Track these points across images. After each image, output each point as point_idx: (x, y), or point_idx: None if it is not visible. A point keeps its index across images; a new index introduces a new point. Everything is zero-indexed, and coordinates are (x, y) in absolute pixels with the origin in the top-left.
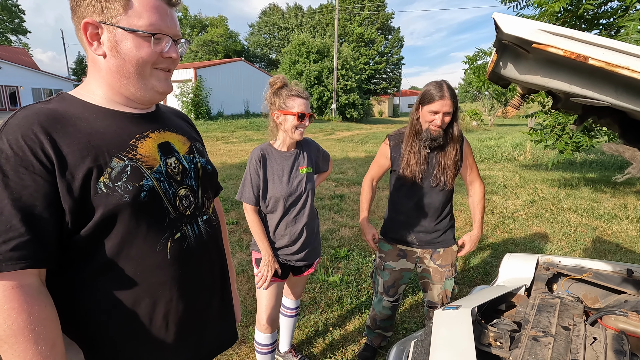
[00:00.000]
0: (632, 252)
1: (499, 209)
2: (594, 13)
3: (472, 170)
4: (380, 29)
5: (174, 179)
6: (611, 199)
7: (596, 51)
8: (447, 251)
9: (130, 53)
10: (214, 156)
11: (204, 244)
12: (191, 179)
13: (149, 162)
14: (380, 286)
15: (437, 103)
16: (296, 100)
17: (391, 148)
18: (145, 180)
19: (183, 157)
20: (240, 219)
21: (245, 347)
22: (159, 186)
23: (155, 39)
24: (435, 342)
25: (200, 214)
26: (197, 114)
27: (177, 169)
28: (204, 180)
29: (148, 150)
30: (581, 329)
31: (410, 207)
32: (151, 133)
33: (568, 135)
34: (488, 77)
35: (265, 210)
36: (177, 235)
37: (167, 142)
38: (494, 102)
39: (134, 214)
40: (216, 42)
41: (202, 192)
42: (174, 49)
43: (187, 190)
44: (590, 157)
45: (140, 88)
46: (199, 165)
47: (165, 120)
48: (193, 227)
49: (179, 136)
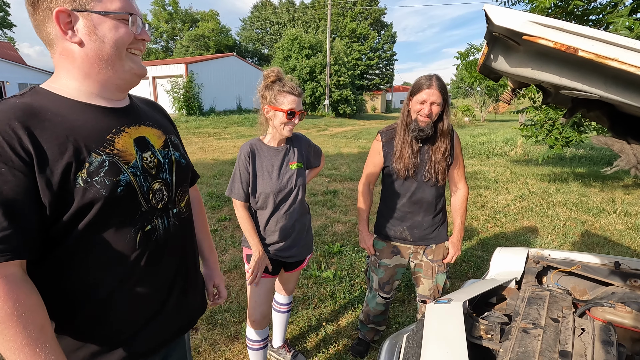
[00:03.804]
0: (620, 245)
1: (490, 204)
2: (584, 9)
3: (459, 169)
4: (372, 24)
5: (149, 173)
6: (599, 193)
7: (586, 43)
8: (439, 247)
9: (109, 34)
10: (206, 152)
11: (171, 237)
12: (166, 173)
13: (125, 157)
14: (375, 283)
15: (425, 92)
16: (287, 97)
17: (383, 144)
18: (123, 175)
19: (158, 151)
20: (232, 215)
21: (239, 344)
22: (135, 181)
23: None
24: (427, 336)
25: (171, 207)
26: (189, 110)
27: (152, 163)
28: (178, 173)
29: (124, 145)
30: (570, 321)
31: (403, 203)
32: (127, 128)
33: (558, 131)
34: (479, 70)
35: (255, 206)
36: (147, 227)
37: (143, 137)
38: (485, 98)
39: (109, 207)
40: (207, 37)
41: (177, 186)
42: (145, 31)
43: (161, 184)
44: (579, 152)
45: (119, 70)
46: (173, 159)
47: (140, 113)
48: (163, 220)
49: (154, 130)
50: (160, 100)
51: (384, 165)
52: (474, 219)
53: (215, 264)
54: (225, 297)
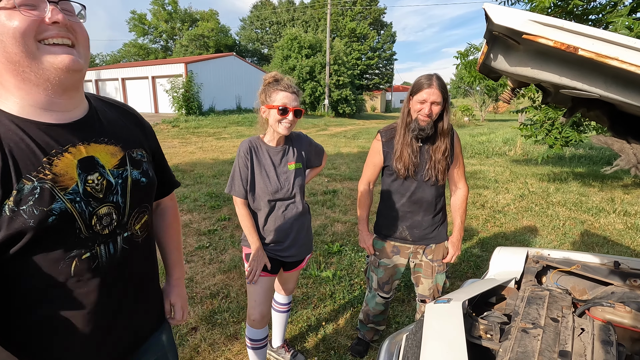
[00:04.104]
0: (619, 244)
1: (490, 204)
2: (584, 9)
3: (459, 169)
4: (372, 24)
5: (94, 197)
6: (599, 192)
7: (586, 42)
8: (439, 246)
9: (3, 29)
10: (205, 152)
11: (117, 263)
12: (117, 195)
13: (63, 182)
14: (374, 283)
15: (425, 91)
16: (279, 94)
17: (383, 143)
18: (56, 203)
19: (110, 171)
20: (232, 215)
21: (238, 343)
22: (72, 207)
23: (23, 5)
24: (427, 336)
25: (121, 232)
26: (189, 110)
27: (99, 187)
28: (135, 194)
29: (65, 167)
30: (569, 320)
31: (403, 202)
32: (72, 147)
33: (557, 130)
34: (479, 69)
35: (252, 205)
36: (85, 255)
37: (91, 157)
38: (485, 98)
39: (40, 236)
40: (207, 36)
41: (131, 208)
42: (57, 13)
43: (110, 208)
44: (579, 151)
45: (36, 69)
46: (129, 180)
47: (96, 128)
48: (108, 246)
49: (109, 147)
50: (159, 100)
51: (384, 164)
52: (473, 218)
53: (178, 280)
54: (179, 319)
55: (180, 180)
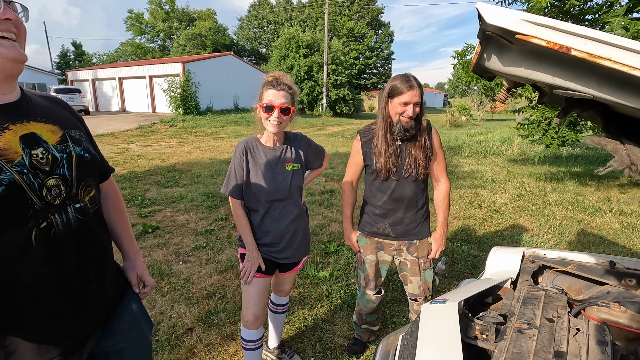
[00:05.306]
0: (615, 244)
1: (487, 203)
2: (580, 9)
3: (439, 163)
4: (370, 23)
5: (41, 169)
6: (595, 192)
7: (579, 42)
8: (423, 242)
9: None
10: (203, 152)
11: (73, 232)
12: (63, 169)
13: (8, 156)
14: (362, 280)
15: (408, 94)
16: (267, 92)
17: (363, 144)
18: (4, 174)
19: (53, 146)
20: (229, 215)
21: (234, 344)
22: (21, 179)
23: None
24: (422, 336)
25: (72, 203)
26: (186, 109)
27: (45, 160)
28: (80, 168)
29: (8, 142)
30: (565, 321)
31: (385, 199)
32: (12, 125)
33: (554, 130)
34: (472, 69)
35: (248, 205)
36: (42, 224)
37: (33, 133)
38: (482, 97)
39: None
40: (204, 35)
41: (78, 181)
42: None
43: (57, 180)
44: (575, 151)
45: None
46: (73, 154)
47: (30, 109)
48: (62, 215)
49: (47, 125)
50: (157, 99)
51: (364, 163)
52: (470, 218)
53: (136, 254)
54: (151, 285)
55: (178, 180)
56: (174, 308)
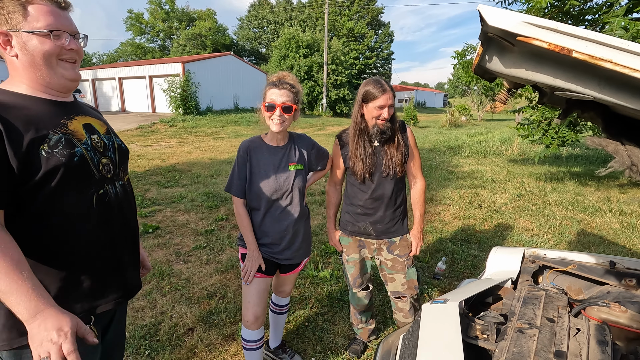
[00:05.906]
0: (615, 244)
1: (487, 203)
2: (580, 9)
3: (415, 162)
4: (370, 23)
5: (98, 150)
6: (595, 192)
7: (580, 44)
8: (402, 240)
9: (36, 49)
10: (203, 152)
11: (119, 202)
12: (110, 152)
13: (78, 136)
14: (349, 279)
15: (382, 98)
16: (269, 91)
17: (341, 147)
18: (77, 149)
19: (103, 135)
20: (229, 215)
21: (235, 344)
22: (87, 154)
23: (54, 35)
24: (423, 336)
25: (117, 179)
26: (186, 109)
27: (99, 143)
28: (119, 154)
29: (76, 127)
30: (565, 321)
31: (365, 199)
32: (76, 116)
33: (554, 130)
34: (474, 70)
35: (250, 204)
36: (100, 191)
37: (89, 124)
38: (482, 97)
39: (68, 173)
40: (204, 35)
41: (119, 164)
42: (74, 42)
43: (107, 160)
44: (575, 151)
45: (51, 75)
46: (115, 143)
47: (83, 109)
48: (112, 187)
49: (97, 121)
50: (156, 99)
51: (345, 166)
52: (470, 218)
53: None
54: (149, 269)
55: (178, 180)
56: (174, 308)
